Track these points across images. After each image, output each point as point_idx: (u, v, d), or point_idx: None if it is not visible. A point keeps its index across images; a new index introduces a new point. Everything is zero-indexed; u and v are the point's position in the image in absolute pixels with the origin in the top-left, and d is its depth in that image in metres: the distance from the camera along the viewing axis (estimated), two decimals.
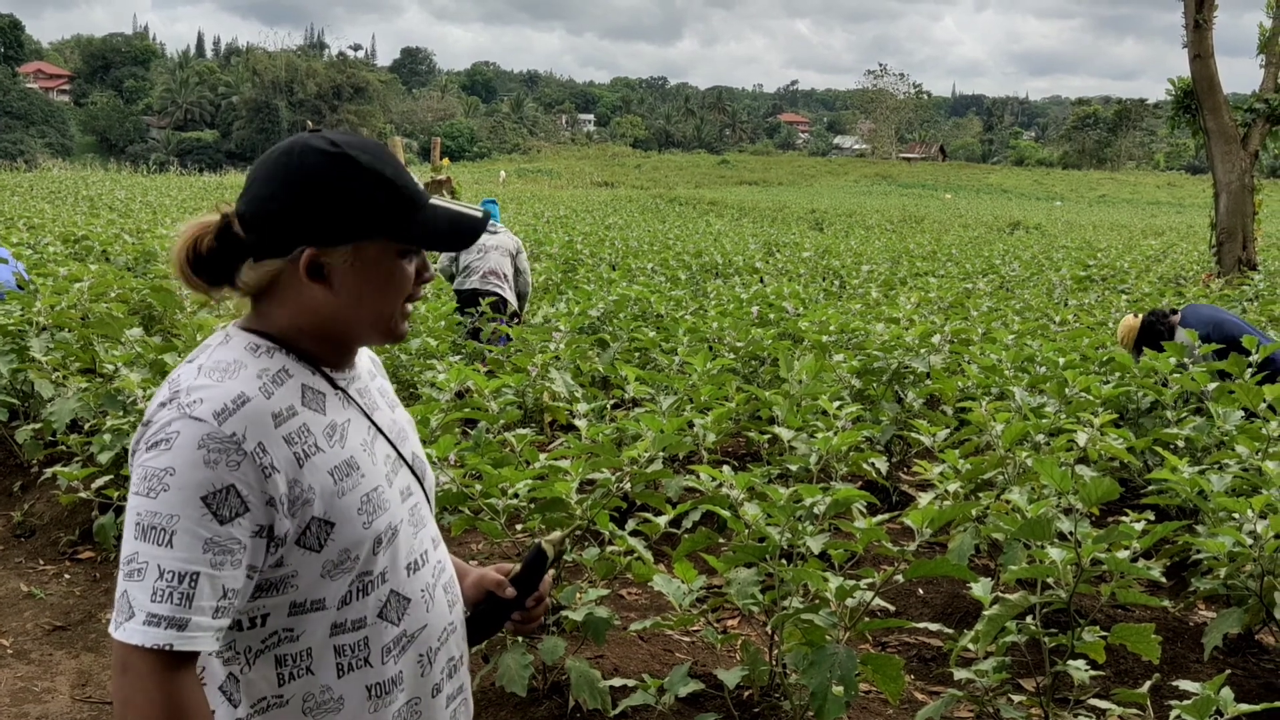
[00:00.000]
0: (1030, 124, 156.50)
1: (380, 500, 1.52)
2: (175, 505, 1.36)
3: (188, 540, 1.36)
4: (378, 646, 1.53)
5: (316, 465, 1.45)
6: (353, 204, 1.48)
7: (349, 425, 1.53)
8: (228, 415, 1.39)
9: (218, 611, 1.38)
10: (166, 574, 1.35)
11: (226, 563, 1.37)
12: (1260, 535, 3.38)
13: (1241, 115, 15.62)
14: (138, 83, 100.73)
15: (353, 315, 1.52)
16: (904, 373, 6.31)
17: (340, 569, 1.47)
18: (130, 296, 7.41)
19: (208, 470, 1.36)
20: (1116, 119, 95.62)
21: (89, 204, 22.44)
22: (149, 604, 1.35)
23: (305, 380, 1.51)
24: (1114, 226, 37.23)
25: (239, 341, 1.50)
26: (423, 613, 1.59)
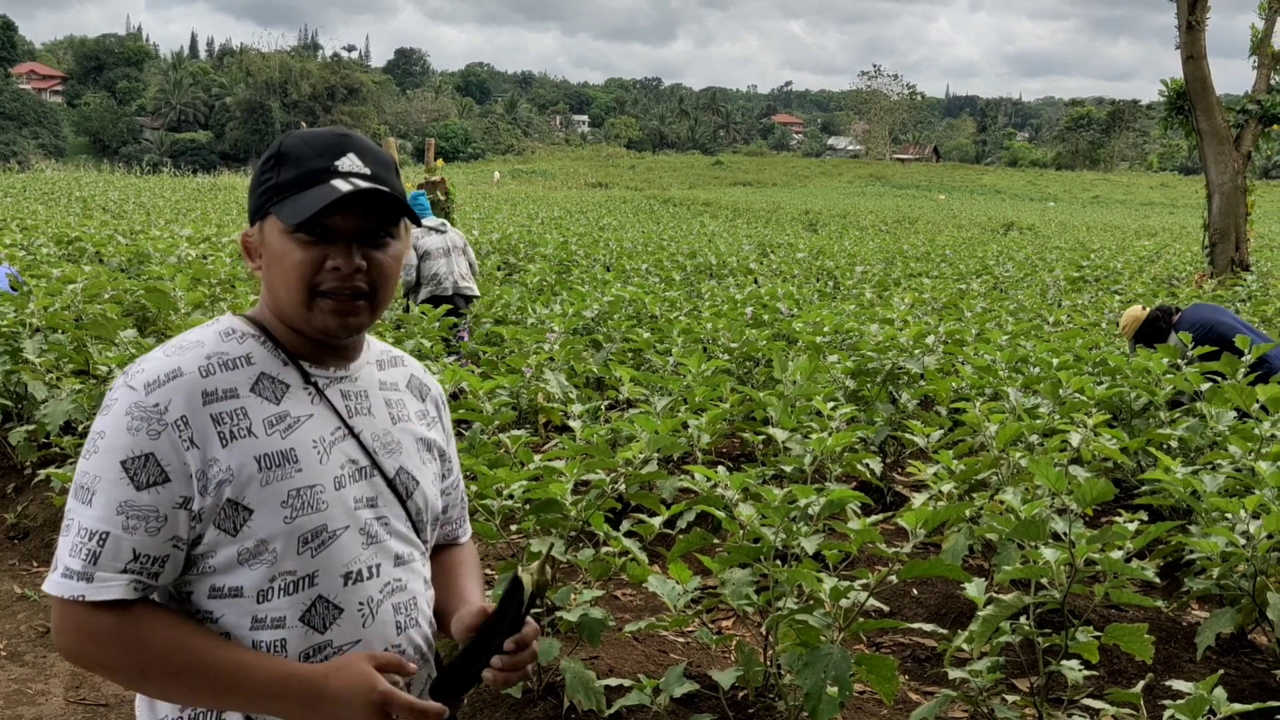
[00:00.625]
0: (1024, 125, 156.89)
1: (315, 499, 1.49)
2: (100, 467, 1.43)
3: (104, 500, 1.41)
4: (295, 651, 1.48)
5: (242, 448, 1.45)
6: (258, 182, 1.54)
7: (306, 420, 1.52)
8: (156, 387, 1.44)
9: (127, 570, 1.42)
10: (82, 531, 1.42)
11: (140, 528, 1.41)
12: (1253, 535, 3.39)
13: (1234, 116, 15.67)
14: (131, 84, 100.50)
15: (275, 297, 1.55)
16: (898, 373, 6.32)
17: (257, 559, 1.46)
18: (124, 298, 7.40)
19: (129, 436, 1.42)
20: (1110, 120, 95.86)
21: (82, 205, 22.39)
22: (66, 557, 1.42)
23: (269, 370, 1.53)
24: (1107, 227, 37.31)
25: (220, 325, 1.56)
26: (357, 627, 1.52)
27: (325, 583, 1.50)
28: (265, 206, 1.51)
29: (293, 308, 1.52)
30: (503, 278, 11.76)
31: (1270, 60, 15.82)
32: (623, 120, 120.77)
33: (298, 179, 1.50)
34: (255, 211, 1.55)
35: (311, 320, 1.51)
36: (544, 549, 1.67)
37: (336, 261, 1.49)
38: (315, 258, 1.49)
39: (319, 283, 1.50)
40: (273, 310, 1.56)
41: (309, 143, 1.52)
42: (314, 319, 1.51)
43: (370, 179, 1.51)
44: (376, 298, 1.54)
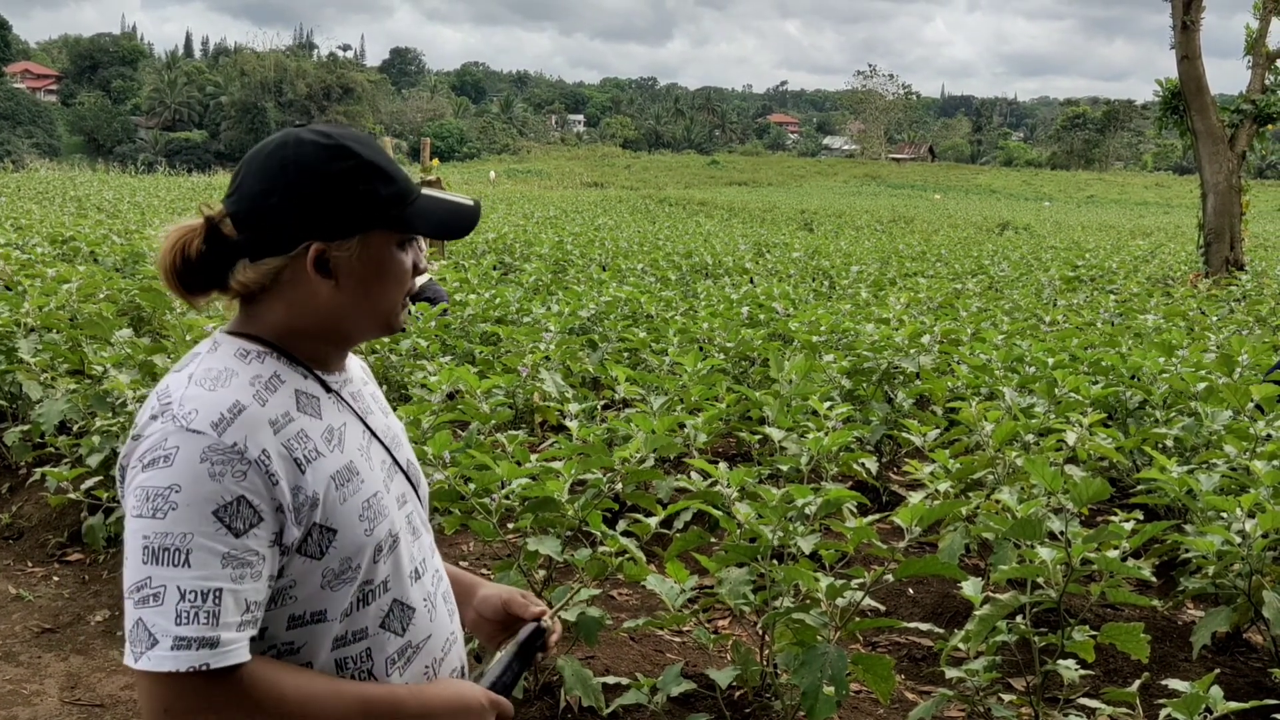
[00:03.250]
0: (1019, 125, 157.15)
1: (380, 506, 1.48)
2: (186, 523, 1.31)
3: (205, 557, 1.31)
4: (381, 658, 1.49)
5: (318, 470, 1.41)
6: (355, 195, 1.44)
7: (345, 429, 1.50)
8: (226, 425, 1.35)
9: (243, 625, 1.33)
10: (189, 594, 1.30)
11: (247, 575, 1.33)
12: (1249, 534, 3.39)
13: (1229, 116, 15.71)
14: (126, 83, 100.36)
15: (358, 310, 1.49)
16: (893, 373, 6.33)
17: (341, 579, 1.43)
18: (119, 297, 7.39)
19: (214, 483, 1.32)
20: (1105, 120, 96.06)
21: (77, 205, 22.36)
22: (174, 627, 1.30)
23: (298, 385, 1.47)
24: (1102, 227, 37.37)
25: (228, 348, 1.46)
26: (426, 622, 1.55)
27: (397, 586, 1.51)
28: (373, 221, 1.46)
29: (384, 315, 1.51)
30: (499, 277, 11.74)
31: (1265, 60, 15.86)
32: (618, 120, 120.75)
33: (404, 191, 1.49)
34: (346, 225, 1.45)
35: (396, 322, 1.53)
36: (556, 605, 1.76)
37: (422, 264, 1.54)
38: (410, 263, 1.52)
39: (411, 287, 1.54)
40: (305, 324, 1.48)
41: (371, 146, 1.49)
42: (397, 320, 1.53)
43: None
44: None
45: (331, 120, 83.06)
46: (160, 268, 1.47)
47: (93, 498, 4.50)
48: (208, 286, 1.47)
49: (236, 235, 1.44)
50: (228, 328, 1.50)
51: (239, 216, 1.44)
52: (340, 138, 1.47)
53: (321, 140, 1.45)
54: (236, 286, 1.46)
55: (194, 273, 1.46)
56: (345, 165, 1.44)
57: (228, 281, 1.46)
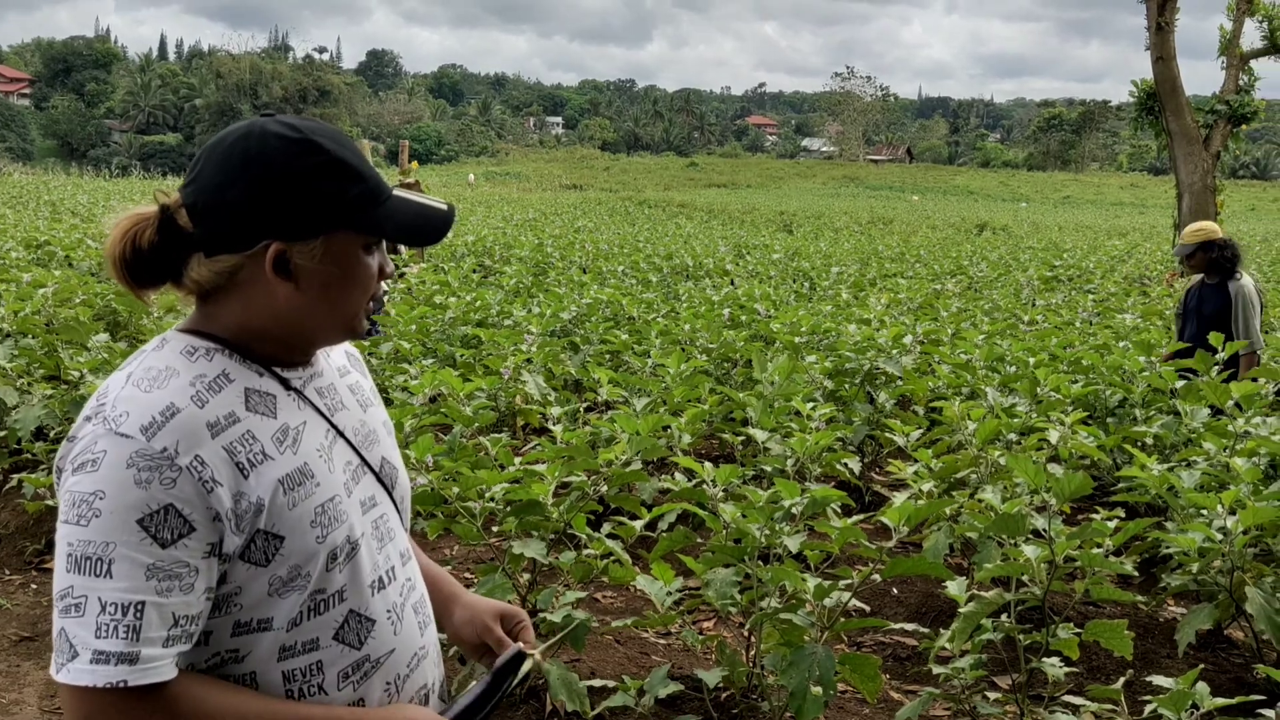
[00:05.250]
0: (995, 126, 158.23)
1: (337, 511, 1.39)
2: (109, 531, 1.24)
3: (127, 568, 1.24)
4: (333, 672, 1.40)
5: (263, 474, 1.32)
6: (320, 194, 1.36)
7: (304, 428, 1.41)
8: (156, 429, 1.26)
9: (169, 640, 1.26)
10: (109, 606, 1.24)
11: (175, 588, 1.26)
12: (1230, 530, 3.42)
13: (1203, 117, 15.85)
14: (99, 86, 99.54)
15: (317, 313, 1.40)
16: (875, 373, 6.35)
17: (290, 586, 1.35)
18: (95, 302, 7.32)
19: (140, 490, 1.24)
20: (1080, 121, 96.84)
21: (51, 209, 22.15)
22: (94, 640, 1.24)
23: (250, 383, 1.38)
24: (1079, 227, 37.64)
25: (175, 346, 1.37)
26: (389, 635, 1.46)
27: (354, 596, 1.42)
28: (337, 222, 1.37)
29: (346, 320, 1.43)
30: (479, 280, 11.71)
31: (1239, 61, 16.01)
32: (597, 122, 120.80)
33: (373, 191, 1.40)
34: (309, 226, 1.37)
35: (359, 326, 1.45)
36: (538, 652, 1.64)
37: (388, 267, 1.48)
38: (376, 266, 1.44)
39: (375, 291, 1.47)
40: (262, 325, 1.40)
41: (345, 144, 1.40)
42: (360, 325, 1.45)
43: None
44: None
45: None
46: (108, 256, 1.37)
47: None
48: (158, 280, 1.38)
49: (192, 228, 1.35)
50: (181, 325, 1.43)
51: (195, 208, 1.35)
52: (308, 131, 1.37)
53: (288, 133, 1.35)
54: (189, 284, 1.37)
55: (144, 264, 1.36)
56: (311, 161, 1.35)
57: (181, 276, 1.37)
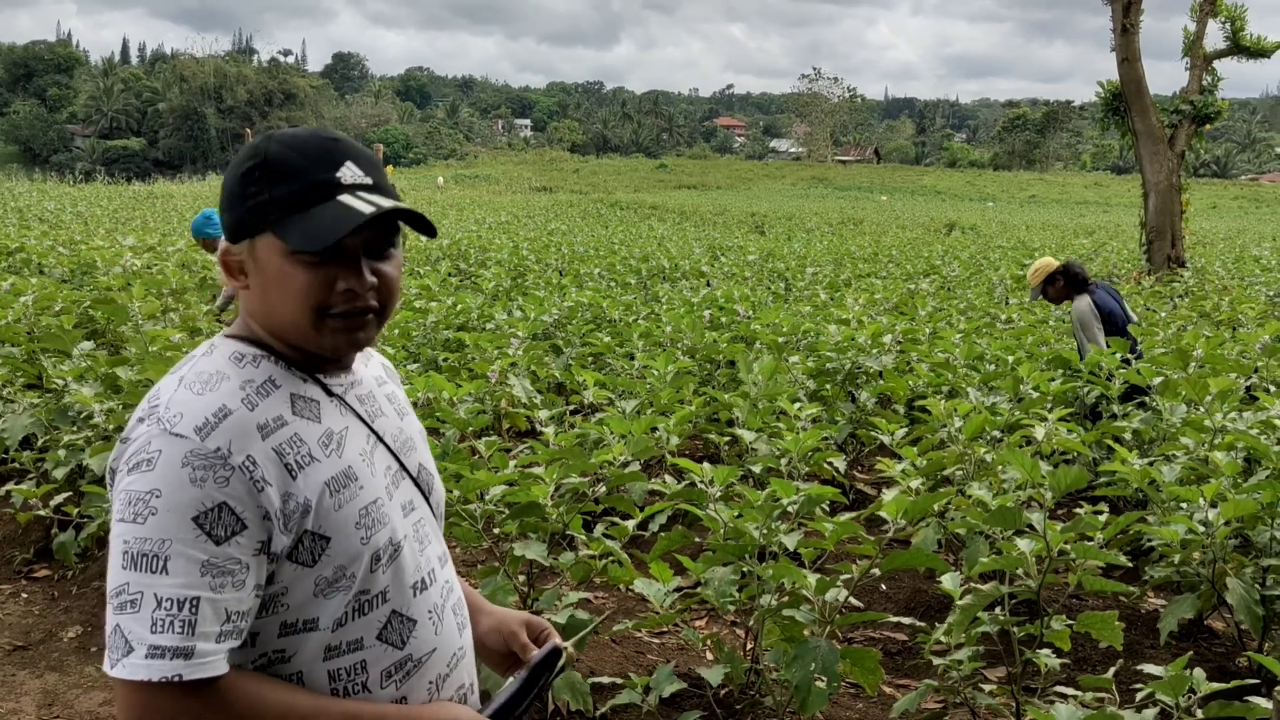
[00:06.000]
0: (961, 126, 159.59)
1: (380, 514, 1.43)
2: (166, 529, 1.28)
3: (183, 564, 1.28)
4: (376, 671, 1.43)
5: (310, 476, 1.36)
6: (245, 197, 1.39)
7: (346, 433, 1.45)
8: (210, 429, 1.31)
9: (222, 636, 1.30)
10: (165, 602, 1.27)
11: (228, 584, 1.30)
12: (1211, 523, 3.50)
13: (1168, 117, 16.08)
14: (61, 90, 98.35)
15: (271, 316, 1.42)
16: (856, 373, 6.43)
17: (335, 587, 1.38)
18: (72, 309, 7.26)
19: (195, 489, 1.29)
20: (1045, 121, 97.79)
21: (18, 216, 21.89)
22: (149, 635, 1.27)
23: (295, 389, 1.42)
24: (1045, 226, 38.03)
25: (223, 351, 1.43)
26: (430, 635, 1.49)
27: (397, 597, 1.45)
28: (259, 224, 1.37)
29: (297, 330, 1.41)
30: (457, 284, 11.71)
31: (1202, 62, 16.26)
32: (565, 124, 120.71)
33: (298, 195, 1.36)
34: (242, 228, 1.40)
35: (320, 341, 1.41)
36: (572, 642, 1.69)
37: (349, 284, 1.39)
38: (325, 279, 1.38)
39: (330, 305, 1.39)
40: (266, 328, 1.44)
41: (299, 150, 1.38)
42: (323, 340, 1.41)
43: (373, 189, 1.40)
44: (385, 312, 1.45)
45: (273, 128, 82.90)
46: None
47: (62, 514, 4.43)
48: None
49: None
50: (228, 330, 1.49)
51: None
52: (273, 138, 1.41)
53: (256, 141, 1.41)
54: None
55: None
56: (249, 165, 1.39)
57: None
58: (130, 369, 5.13)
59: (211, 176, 61.25)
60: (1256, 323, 8.78)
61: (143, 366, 4.99)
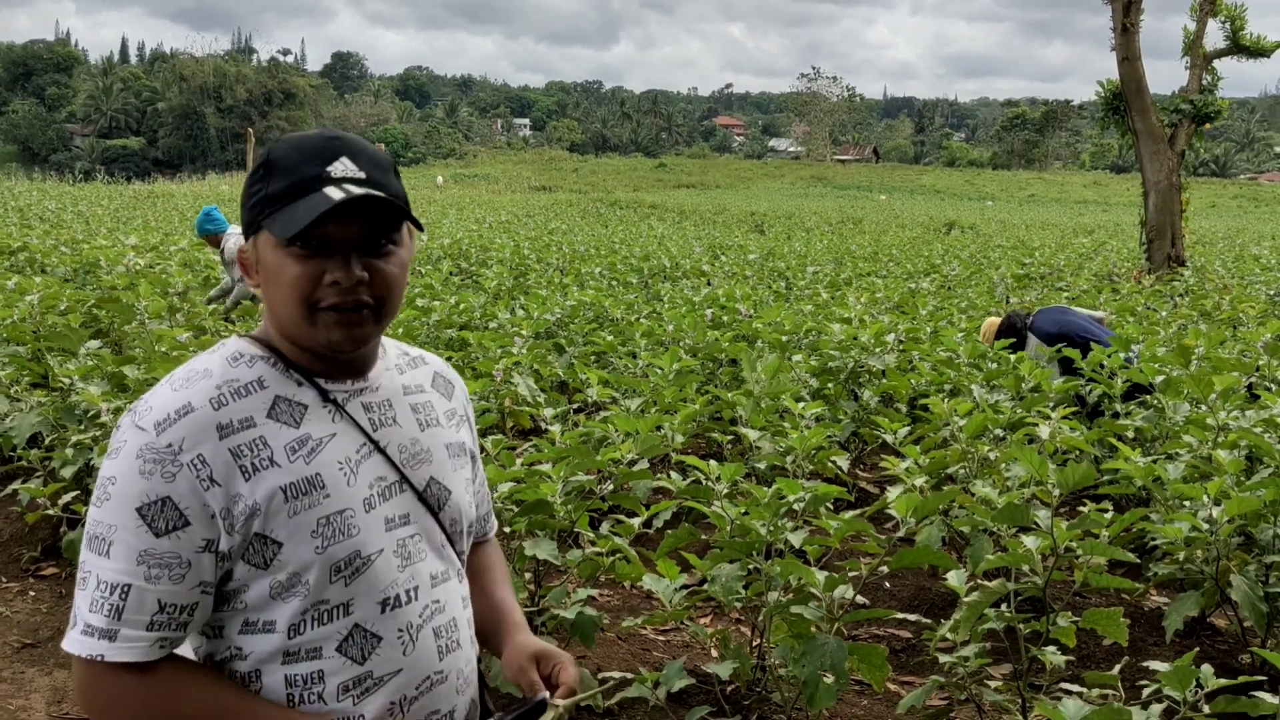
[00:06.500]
0: (960, 125, 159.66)
1: (345, 525, 1.41)
2: (114, 515, 1.34)
3: (123, 551, 1.33)
4: (334, 683, 1.42)
5: (265, 480, 1.37)
6: (248, 195, 1.44)
7: (329, 441, 1.44)
8: (167, 425, 1.35)
9: (153, 624, 1.34)
10: (102, 584, 1.34)
11: (164, 577, 1.33)
12: (1215, 520, 3.52)
13: (1168, 116, 16.10)
14: (60, 90, 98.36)
15: (275, 314, 1.45)
16: (859, 371, 6.45)
17: (291, 592, 1.39)
18: (77, 308, 7.28)
19: (143, 480, 1.33)
20: (1044, 120, 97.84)
21: (19, 215, 21.90)
22: (87, 613, 1.35)
23: (284, 392, 1.44)
24: (1045, 225, 38.06)
25: (226, 350, 1.47)
26: (397, 655, 1.45)
27: (361, 611, 1.43)
28: (257, 220, 1.42)
29: (294, 324, 1.42)
30: (458, 283, 11.73)
31: (1202, 61, 16.28)
32: (565, 123, 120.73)
33: (288, 189, 1.39)
34: (248, 226, 1.45)
35: (315, 336, 1.42)
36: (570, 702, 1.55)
37: (335, 275, 1.39)
38: (312, 272, 1.39)
39: (319, 298, 1.40)
40: (277, 328, 1.46)
41: (298, 148, 1.42)
42: (317, 334, 1.42)
43: (365, 183, 1.40)
44: (382, 309, 1.44)
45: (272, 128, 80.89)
46: None
47: (70, 512, 4.45)
48: None
49: None
50: (250, 330, 1.53)
51: None
52: (285, 139, 1.45)
53: (274, 143, 1.47)
54: None
55: None
56: (257, 165, 1.44)
57: None
58: (137, 368, 5.15)
59: (211, 176, 61.25)
60: (1257, 321, 8.80)
61: (149, 365, 5.01)
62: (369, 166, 1.43)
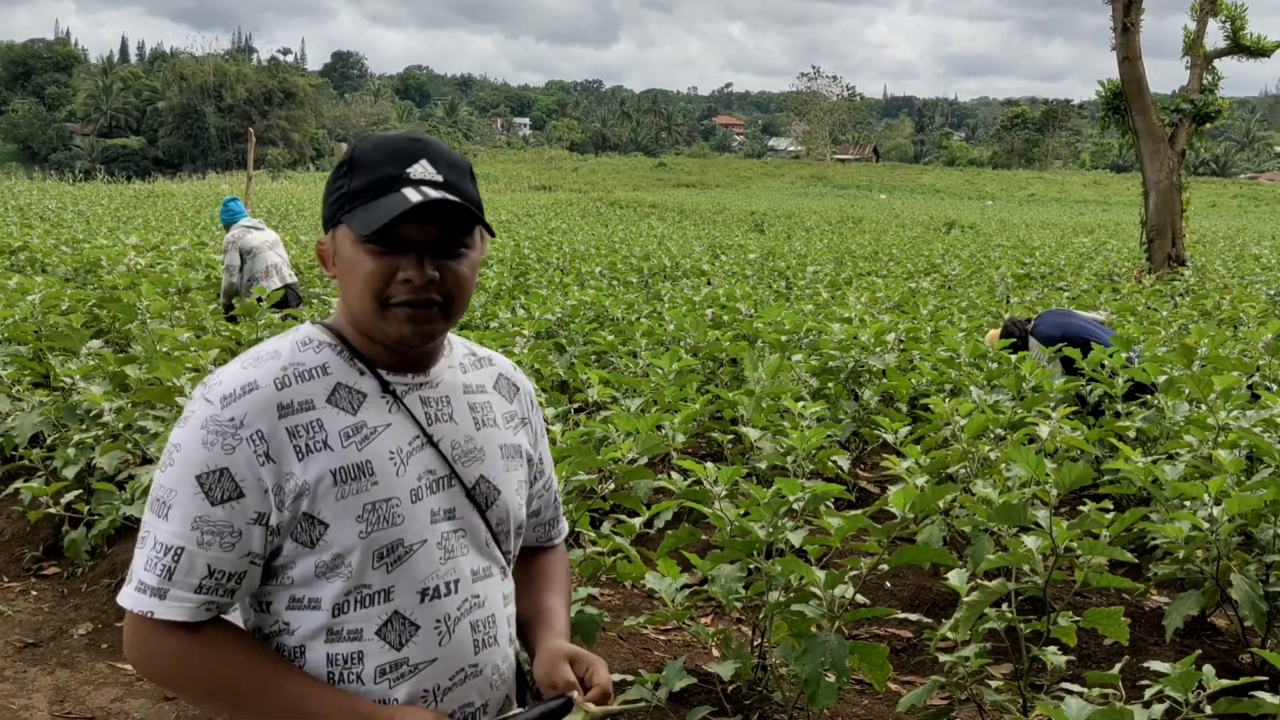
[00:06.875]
0: (960, 125, 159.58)
1: (391, 513, 1.46)
2: (175, 480, 1.41)
3: (179, 515, 1.40)
4: (371, 665, 1.46)
5: (317, 462, 1.42)
6: (330, 190, 1.50)
7: (383, 430, 1.48)
8: (232, 400, 1.42)
9: (201, 588, 1.41)
10: (158, 545, 1.41)
11: (215, 544, 1.40)
12: (1216, 519, 3.53)
13: (1168, 115, 16.10)
14: (60, 89, 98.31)
15: (349, 305, 1.51)
16: (860, 371, 6.45)
17: (335, 573, 1.44)
18: (78, 308, 7.29)
19: (205, 450, 1.40)
20: (1044, 119, 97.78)
21: (20, 215, 21.91)
22: (141, 571, 1.42)
23: (345, 379, 1.49)
24: (1045, 225, 38.07)
25: (297, 335, 1.53)
26: (433, 645, 1.49)
27: (402, 598, 1.47)
28: (337, 215, 1.48)
29: (366, 317, 1.48)
30: None
31: (1203, 60, 16.29)
32: (564, 123, 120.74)
33: (368, 187, 1.45)
34: (328, 220, 1.51)
35: (385, 329, 1.48)
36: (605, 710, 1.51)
37: (408, 274, 1.45)
38: (386, 269, 1.45)
39: (391, 294, 1.46)
40: (349, 318, 1.52)
41: (381, 148, 1.48)
42: (387, 328, 1.47)
43: (443, 186, 1.46)
44: (451, 307, 1.49)
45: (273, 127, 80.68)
46: None
47: (72, 511, 4.45)
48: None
49: None
50: (324, 318, 1.60)
51: None
52: (367, 139, 1.51)
53: (356, 140, 1.53)
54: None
55: None
56: (341, 161, 1.50)
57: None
58: (138, 368, 5.15)
59: (211, 175, 61.22)
60: (1258, 321, 8.80)
61: (151, 365, 5.01)
62: (447, 170, 1.49)
